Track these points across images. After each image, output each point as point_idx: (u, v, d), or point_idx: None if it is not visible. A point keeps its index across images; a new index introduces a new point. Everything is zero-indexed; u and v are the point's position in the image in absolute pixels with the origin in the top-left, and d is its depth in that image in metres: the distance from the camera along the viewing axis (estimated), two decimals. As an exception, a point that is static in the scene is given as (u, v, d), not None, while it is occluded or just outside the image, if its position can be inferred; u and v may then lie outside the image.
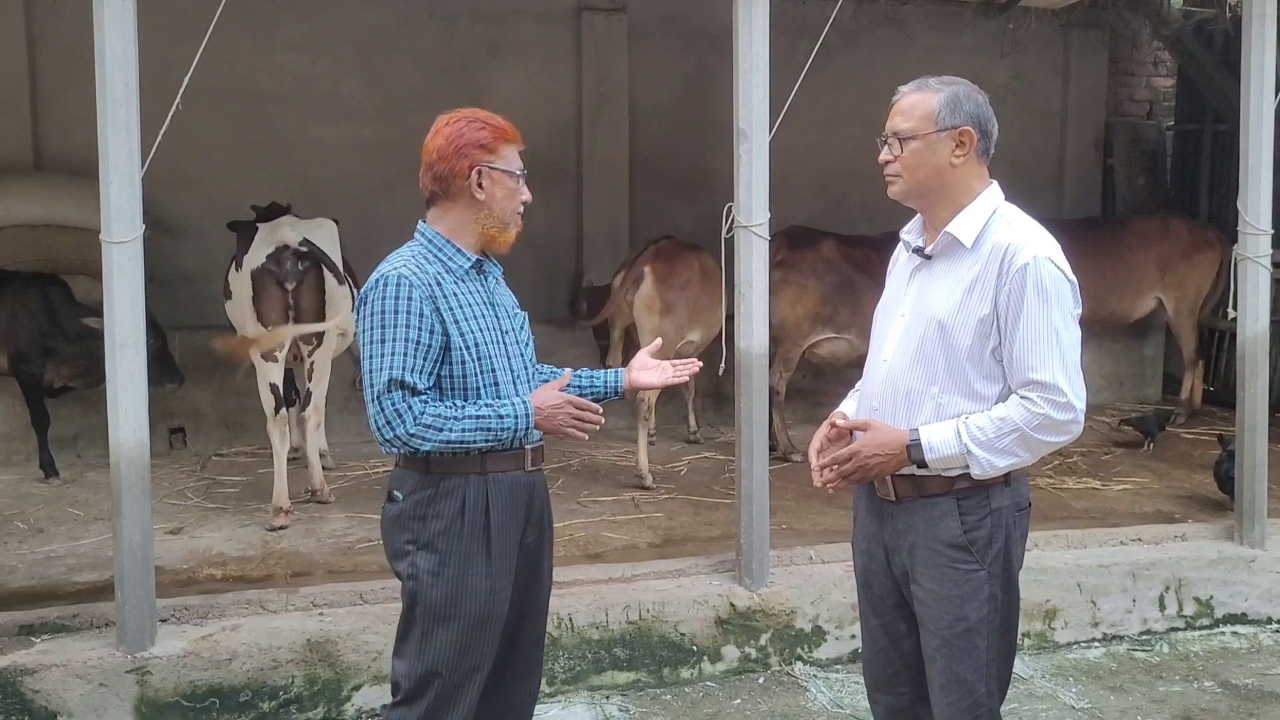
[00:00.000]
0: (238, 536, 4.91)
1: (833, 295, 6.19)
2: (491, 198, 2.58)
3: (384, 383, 2.45)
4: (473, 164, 2.54)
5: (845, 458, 2.45)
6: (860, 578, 2.67)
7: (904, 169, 2.44)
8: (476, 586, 2.55)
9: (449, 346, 2.51)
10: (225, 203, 6.10)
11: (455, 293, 2.54)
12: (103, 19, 3.46)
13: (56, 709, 3.54)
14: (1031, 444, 2.37)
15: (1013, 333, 2.34)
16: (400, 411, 2.45)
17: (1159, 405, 7.51)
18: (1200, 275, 7.29)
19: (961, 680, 2.45)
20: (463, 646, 2.55)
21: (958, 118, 2.41)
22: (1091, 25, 8.10)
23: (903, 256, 2.63)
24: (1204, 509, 5.33)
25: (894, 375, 2.48)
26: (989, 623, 2.44)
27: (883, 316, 2.61)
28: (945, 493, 2.42)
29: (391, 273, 2.50)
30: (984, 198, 2.47)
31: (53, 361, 5.71)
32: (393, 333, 2.46)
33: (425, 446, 2.48)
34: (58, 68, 6.63)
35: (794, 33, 5.24)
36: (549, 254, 7.49)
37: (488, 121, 2.59)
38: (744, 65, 4.05)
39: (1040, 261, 2.35)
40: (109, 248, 3.53)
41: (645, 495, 5.56)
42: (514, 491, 2.60)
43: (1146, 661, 4.37)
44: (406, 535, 2.57)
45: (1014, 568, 2.50)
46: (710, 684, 4.09)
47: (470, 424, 2.49)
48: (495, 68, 7.41)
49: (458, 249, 2.58)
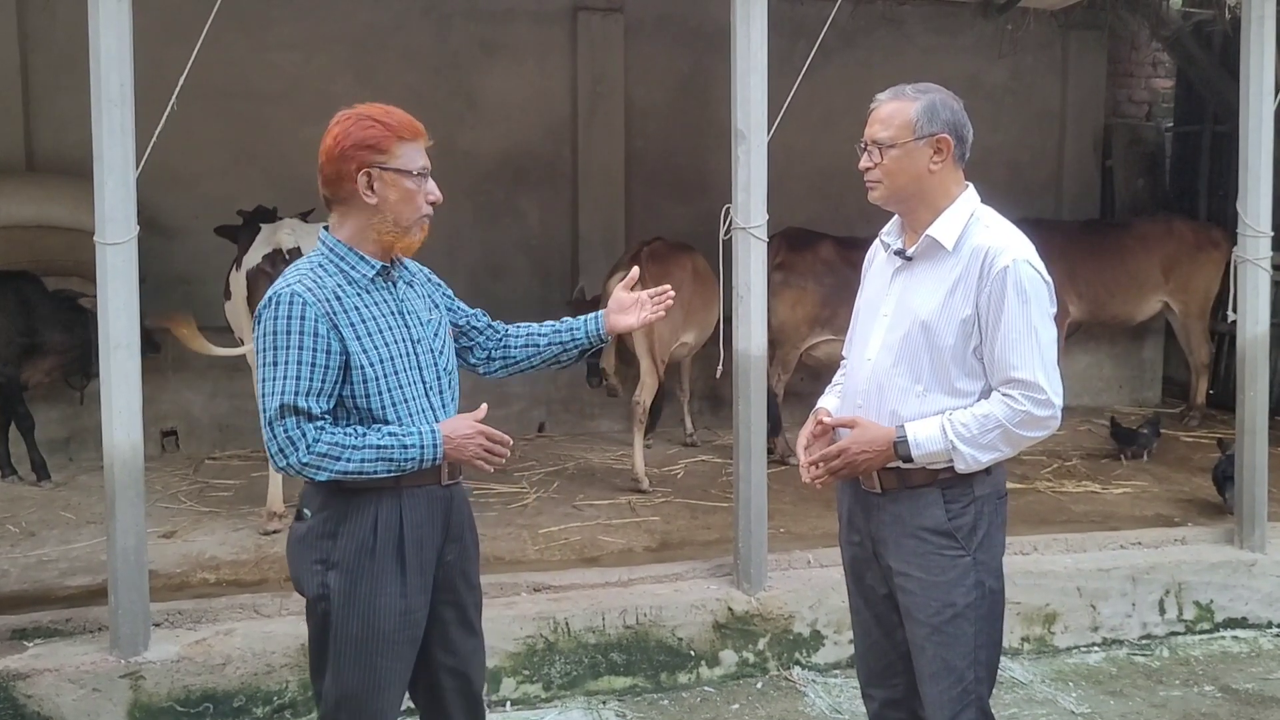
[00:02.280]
0: (231, 540, 4.87)
1: (831, 297, 6.16)
2: (384, 201, 2.38)
3: (275, 408, 2.31)
4: (361, 165, 2.36)
5: (834, 455, 2.52)
6: (850, 571, 2.72)
7: (884, 175, 2.52)
8: (390, 607, 2.42)
9: (349, 365, 2.36)
10: (219, 203, 6.06)
11: (357, 306, 2.39)
12: (98, 18, 3.43)
13: (49, 714, 3.51)
14: (1013, 439, 2.46)
15: (994, 332, 2.43)
16: (294, 439, 2.32)
17: (1158, 410, 7.47)
18: (1206, 276, 7.22)
19: (951, 667, 2.50)
20: (378, 669, 2.44)
21: (935, 125, 2.49)
22: (1090, 26, 8.08)
23: (880, 256, 2.70)
24: (1204, 512, 5.31)
25: (878, 373, 2.56)
26: (976, 608, 2.51)
27: (864, 315, 2.69)
28: (930, 483, 2.50)
29: (285, 290, 2.34)
30: (961, 201, 2.54)
31: (33, 360, 5.64)
32: (284, 354, 2.31)
33: (320, 476, 2.36)
34: (51, 67, 6.59)
35: (791, 33, 5.22)
36: (544, 255, 7.47)
37: (379, 119, 2.39)
38: (742, 66, 4.02)
39: (1020, 264, 2.43)
40: (103, 249, 3.50)
41: (642, 499, 5.53)
42: (430, 506, 2.47)
43: (1146, 666, 4.35)
44: (315, 554, 2.43)
45: (997, 554, 2.56)
46: (708, 689, 4.07)
47: (371, 454, 2.35)
48: (490, 67, 7.38)
49: (360, 256, 2.42)
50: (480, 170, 7.32)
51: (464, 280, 7.42)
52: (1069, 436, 6.79)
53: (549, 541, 4.88)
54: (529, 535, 4.95)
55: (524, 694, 3.93)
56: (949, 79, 2.91)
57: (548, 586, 4.19)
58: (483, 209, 7.40)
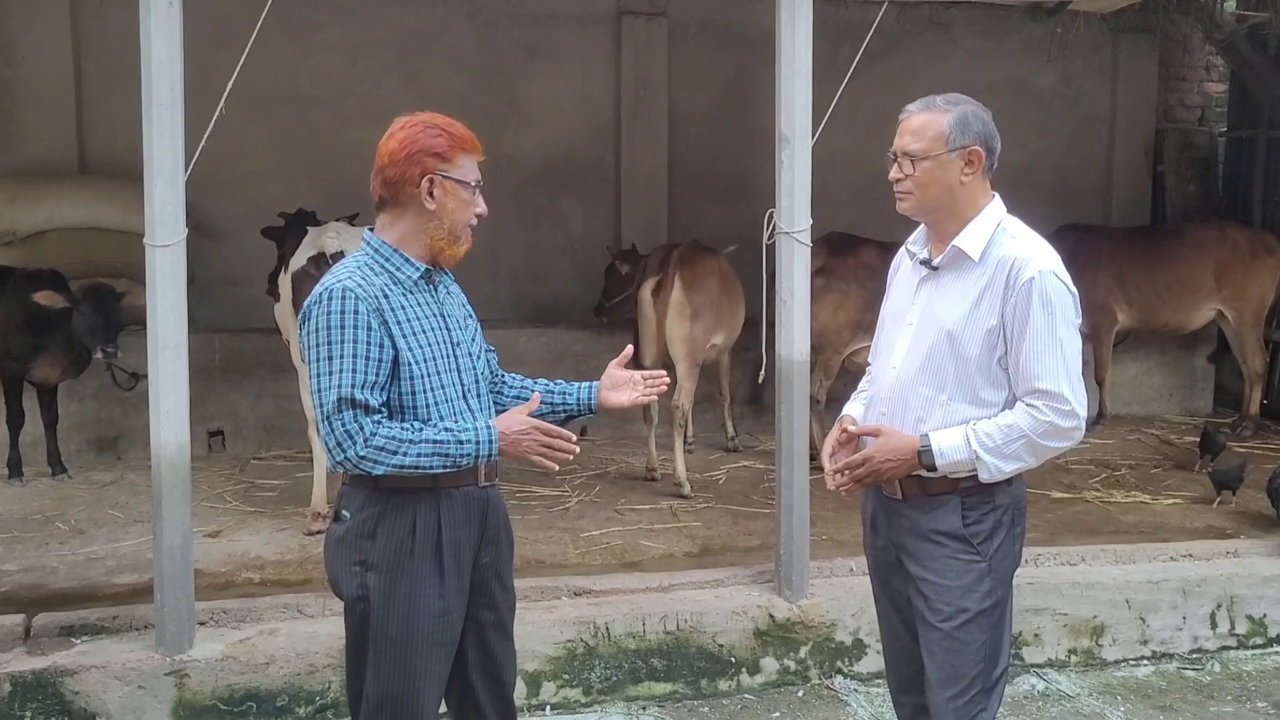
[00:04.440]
0: (276, 540, 4.91)
1: (874, 302, 5.98)
2: (443, 208, 2.44)
3: (333, 402, 2.32)
4: (425, 171, 2.41)
5: (859, 462, 2.54)
6: (876, 576, 2.75)
7: (915, 187, 2.54)
8: (429, 608, 2.43)
9: (397, 362, 2.38)
10: (265, 206, 6.14)
11: (403, 305, 2.42)
12: (149, 23, 3.47)
13: (95, 710, 3.56)
14: (1037, 449, 2.47)
15: (1019, 343, 2.44)
16: (352, 433, 2.32)
17: (1211, 419, 7.30)
18: (1261, 284, 7.05)
19: (959, 675, 2.52)
20: (417, 670, 2.45)
21: (967, 138, 2.50)
22: (1141, 29, 7.94)
23: (905, 265, 2.72)
24: (1257, 525, 5.19)
25: (903, 382, 2.57)
26: (989, 615, 2.52)
27: (889, 324, 2.71)
28: (950, 491, 2.52)
29: (336, 285, 2.36)
30: (988, 211, 2.55)
31: (40, 359, 5.69)
32: (340, 348, 2.33)
33: (377, 470, 2.35)
34: (102, 72, 6.70)
35: (835, 37, 5.19)
36: (587, 258, 7.47)
37: (445, 128, 2.45)
38: (786, 70, 4.00)
39: (1045, 275, 2.44)
40: (152, 251, 3.55)
41: (683, 504, 5.51)
42: (467, 508, 2.48)
43: (1197, 681, 4.26)
44: (354, 556, 2.44)
45: (1012, 564, 2.57)
46: (749, 696, 4.04)
47: (427, 448, 2.36)
48: (534, 72, 7.40)
49: (406, 258, 2.45)
50: (523, 174, 7.34)
51: (506, 283, 7.47)
52: (1118, 446, 6.68)
53: (590, 545, 4.87)
54: (570, 539, 4.95)
55: (564, 698, 3.92)
56: (996, 83, 2.90)
57: (588, 591, 4.18)
58: (526, 212, 7.43)
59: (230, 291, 6.71)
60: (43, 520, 5.17)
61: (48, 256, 6.08)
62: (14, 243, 6.27)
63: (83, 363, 5.76)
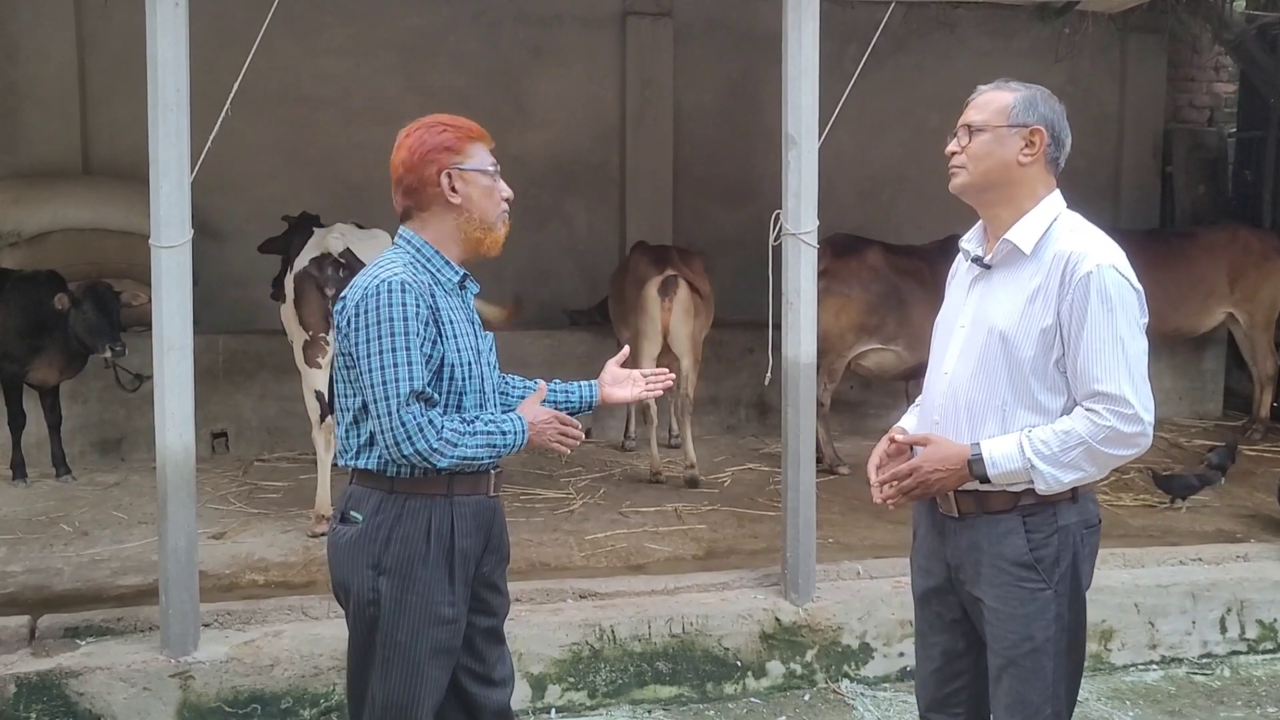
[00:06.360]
0: (280, 542, 4.90)
1: (879, 305, 6.06)
2: (468, 199, 2.45)
3: (405, 394, 2.31)
4: (441, 168, 2.42)
5: (905, 473, 2.39)
6: (919, 594, 2.60)
7: (969, 159, 2.39)
8: (439, 615, 2.43)
9: (443, 361, 2.40)
10: (271, 207, 6.13)
11: (447, 305, 2.44)
12: (154, 24, 3.46)
13: (100, 712, 3.55)
14: (1098, 458, 2.29)
15: (1076, 343, 2.28)
16: (422, 425, 2.32)
17: (1220, 424, 7.26)
18: (1273, 286, 7.00)
19: (1027, 701, 2.38)
20: (424, 677, 2.44)
21: (1031, 116, 2.38)
22: (1150, 29, 7.91)
23: (962, 267, 2.57)
24: (1267, 529, 5.16)
25: (955, 388, 2.43)
26: (1056, 642, 2.37)
27: (942, 328, 2.55)
28: (1010, 509, 2.36)
29: (393, 279, 2.35)
30: (1046, 204, 2.41)
31: (39, 359, 5.68)
32: (404, 340, 2.32)
33: (442, 463, 2.36)
34: (107, 72, 6.69)
35: (842, 37, 5.15)
36: (591, 260, 7.47)
37: (449, 123, 2.46)
38: (793, 71, 3.97)
39: (1104, 269, 2.29)
40: (158, 252, 3.53)
41: (688, 506, 5.49)
42: (478, 516, 2.49)
43: (1206, 685, 4.23)
44: (367, 559, 2.42)
45: (1082, 587, 2.42)
46: (754, 700, 4.02)
47: (481, 439, 2.40)
48: (539, 72, 7.39)
49: (446, 261, 2.47)
50: (528, 175, 7.30)
51: (511, 284, 7.44)
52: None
53: (595, 548, 4.86)
54: (575, 541, 4.93)
55: (569, 701, 3.91)
56: (1004, 83, 2.84)
57: (593, 593, 4.16)
58: (531, 213, 7.40)
59: (234, 293, 6.70)
60: (47, 522, 5.17)
61: (52, 258, 6.07)
62: (19, 244, 6.26)
63: (80, 363, 5.75)
